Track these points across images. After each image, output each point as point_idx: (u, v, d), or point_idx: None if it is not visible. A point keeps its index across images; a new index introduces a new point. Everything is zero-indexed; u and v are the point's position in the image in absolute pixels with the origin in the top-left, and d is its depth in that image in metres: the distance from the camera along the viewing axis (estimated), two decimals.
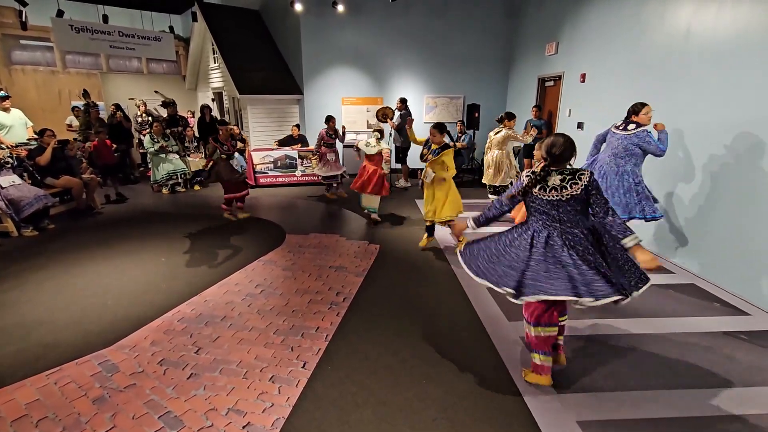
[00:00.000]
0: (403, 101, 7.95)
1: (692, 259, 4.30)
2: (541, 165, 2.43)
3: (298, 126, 8.71)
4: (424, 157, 4.53)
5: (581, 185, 2.30)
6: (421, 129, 8.17)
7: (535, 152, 4.92)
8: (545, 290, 2.23)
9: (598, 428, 2.22)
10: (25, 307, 3.49)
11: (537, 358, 2.53)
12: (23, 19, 7.72)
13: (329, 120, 6.97)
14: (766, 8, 3.56)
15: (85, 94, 9.14)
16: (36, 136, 6.34)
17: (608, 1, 5.72)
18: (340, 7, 8.11)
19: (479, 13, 9.01)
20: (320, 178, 7.27)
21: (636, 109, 4.05)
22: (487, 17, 9.03)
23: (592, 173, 2.32)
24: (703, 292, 3.85)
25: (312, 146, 8.47)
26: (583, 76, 6.33)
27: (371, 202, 5.75)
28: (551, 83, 7.52)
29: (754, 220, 3.64)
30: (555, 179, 2.36)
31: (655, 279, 4.05)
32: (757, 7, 3.63)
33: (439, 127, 4.44)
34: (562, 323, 2.65)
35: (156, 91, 10.48)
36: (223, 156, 5.54)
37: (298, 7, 7.94)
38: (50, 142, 5.89)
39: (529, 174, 2.47)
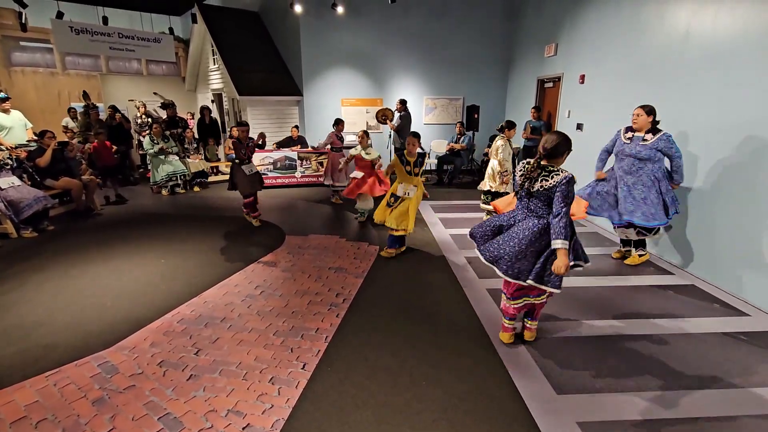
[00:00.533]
0: (403, 102, 7.97)
1: (692, 259, 4.30)
2: (536, 157, 2.60)
3: (297, 127, 8.71)
4: (412, 173, 4.43)
5: (550, 183, 2.48)
6: (419, 129, 8.14)
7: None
8: (481, 250, 2.80)
9: (599, 429, 2.22)
10: (25, 308, 3.48)
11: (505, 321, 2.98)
12: (23, 21, 7.75)
13: (338, 122, 6.67)
14: (765, 8, 3.57)
15: (85, 95, 9.16)
16: (36, 138, 6.35)
17: (607, 2, 5.73)
18: (340, 9, 8.13)
19: (478, 15, 9.03)
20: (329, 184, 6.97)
21: None
22: (486, 18, 9.05)
23: (567, 178, 2.44)
24: (703, 293, 3.85)
25: (311, 147, 8.48)
26: (583, 77, 6.34)
27: (370, 203, 5.77)
28: (550, 84, 7.53)
29: (754, 220, 3.64)
30: (536, 172, 2.55)
31: (655, 280, 4.10)
32: (756, 7, 3.64)
33: (418, 137, 4.39)
34: (517, 304, 2.87)
35: (155, 93, 10.49)
36: (237, 161, 5.42)
37: (298, 8, 7.95)
38: (50, 144, 5.89)
39: (524, 164, 2.65)
